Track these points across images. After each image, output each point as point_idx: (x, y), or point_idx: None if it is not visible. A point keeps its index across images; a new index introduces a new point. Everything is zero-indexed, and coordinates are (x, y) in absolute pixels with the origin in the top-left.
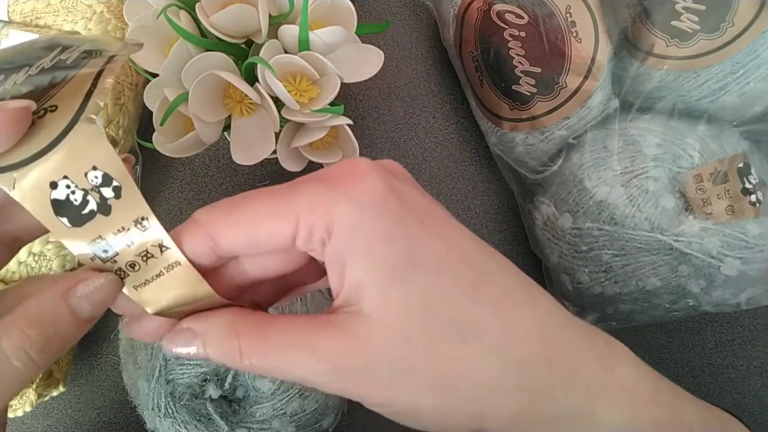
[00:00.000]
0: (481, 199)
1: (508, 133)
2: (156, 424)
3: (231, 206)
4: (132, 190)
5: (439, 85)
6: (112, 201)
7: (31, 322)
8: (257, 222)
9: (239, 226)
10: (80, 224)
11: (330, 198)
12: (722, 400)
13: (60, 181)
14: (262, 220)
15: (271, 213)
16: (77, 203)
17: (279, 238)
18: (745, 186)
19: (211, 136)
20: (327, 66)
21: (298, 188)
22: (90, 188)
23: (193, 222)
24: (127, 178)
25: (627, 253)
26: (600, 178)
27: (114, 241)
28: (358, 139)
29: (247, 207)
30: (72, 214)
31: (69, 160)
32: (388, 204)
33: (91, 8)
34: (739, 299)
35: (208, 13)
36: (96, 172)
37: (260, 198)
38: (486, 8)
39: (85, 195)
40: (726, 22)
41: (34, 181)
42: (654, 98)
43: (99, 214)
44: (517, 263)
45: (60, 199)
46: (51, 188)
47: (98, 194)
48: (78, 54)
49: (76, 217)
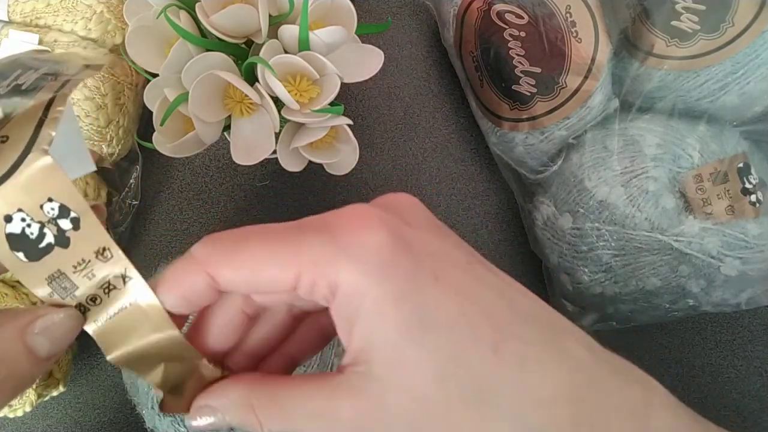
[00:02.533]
0: (481, 199)
1: (508, 133)
2: (155, 422)
3: (231, 246)
4: (91, 220)
5: (439, 85)
6: (71, 233)
7: None
8: (257, 268)
9: (239, 270)
10: (37, 258)
11: (334, 256)
12: (722, 400)
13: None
14: (263, 267)
15: (272, 261)
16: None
17: (279, 285)
18: (745, 186)
19: (211, 136)
20: (327, 66)
21: (301, 239)
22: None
23: (191, 258)
24: (85, 209)
25: (627, 253)
26: (600, 178)
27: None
28: (358, 139)
29: (248, 251)
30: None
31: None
32: (396, 262)
33: (91, 8)
34: (739, 299)
35: (208, 13)
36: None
37: (262, 242)
38: (486, 8)
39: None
40: (726, 22)
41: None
42: (654, 98)
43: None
44: (517, 263)
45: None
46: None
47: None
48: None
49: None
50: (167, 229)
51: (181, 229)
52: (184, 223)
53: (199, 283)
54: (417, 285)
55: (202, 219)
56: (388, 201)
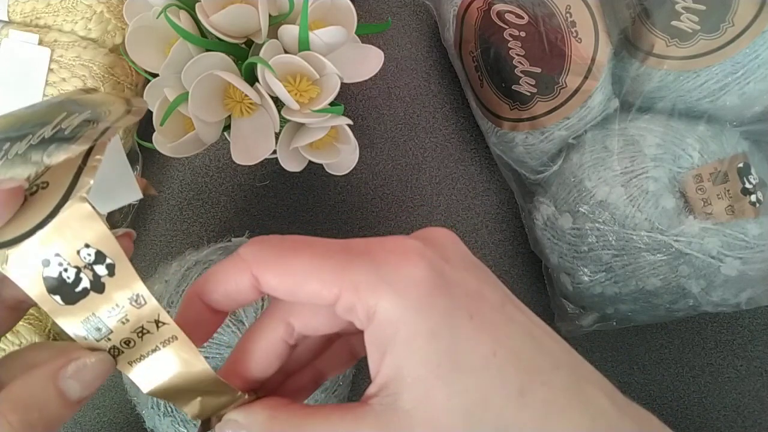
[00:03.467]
0: (481, 199)
1: (508, 133)
2: (155, 422)
3: (278, 252)
4: (125, 267)
5: (439, 85)
6: (106, 278)
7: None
8: (301, 280)
9: (283, 277)
10: (73, 302)
11: (375, 284)
12: (722, 400)
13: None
14: (306, 279)
15: (317, 276)
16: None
17: (319, 300)
18: (745, 186)
19: (211, 136)
20: (327, 66)
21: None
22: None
23: (239, 258)
24: (120, 256)
25: (627, 253)
26: (600, 178)
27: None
28: (358, 139)
29: (295, 261)
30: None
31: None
32: (434, 298)
33: (91, 8)
34: (739, 299)
35: (208, 13)
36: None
37: (310, 255)
38: (486, 8)
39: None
40: (726, 22)
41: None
42: (654, 98)
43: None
44: (517, 263)
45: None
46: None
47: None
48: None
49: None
50: (167, 229)
51: (181, 229)
52: (184, 223)
53: (243, 282)
54: (452, 323)
55: (202, 219)
56: (428, 235)
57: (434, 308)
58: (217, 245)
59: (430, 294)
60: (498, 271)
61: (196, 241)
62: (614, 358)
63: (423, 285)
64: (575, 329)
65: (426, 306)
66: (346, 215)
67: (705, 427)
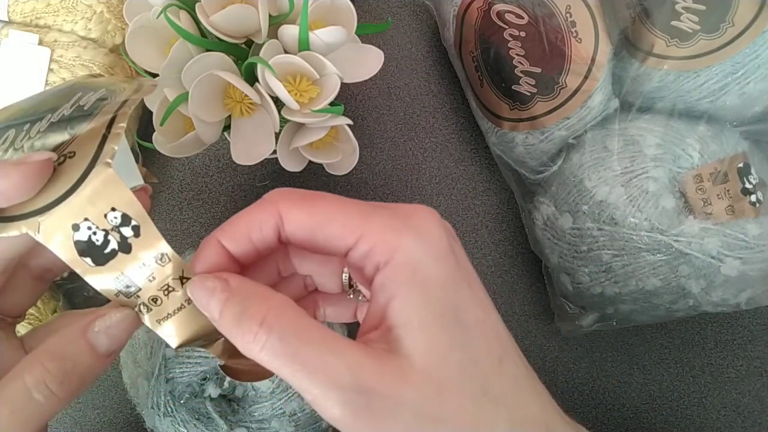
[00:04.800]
0: (481, 199)
1: (508, 133)
2: (155, 422)
3: (305, 195)
4: (150, 228)
5: (439, 85)
6: (132, 239)
7: (51, 356)
8: (325, 219)
9: (309, 215)
10: (103, 263)
11: (402, 228)
12: (722, 400)
13: (81, 223)
14: (331, 219)
15: (341, 218)
16: (99, 243)
17: (337, 242)
18: (745, 186)
19: (211, 136)
20: (327, 66)
21: (372, 210)
22: (110, 228)
23: (265, 201)
24: (144, 217)
25: (627, 253)
26: (600, 178)
27: (136, 277)
28: (358, 139)
29: (322, 203)
30: (95, 253)
31: (88, 203)
32: (447, 257)
33: (91, 8)
34: (739, 299)
35: (208, 13)
36: (115, 213)
37: (336, 201)
38: (486, 8)
39: (106, 235)
40: (726, 22)
41: (57, 225)
42: (654, 98)
43: (120, 252)
44: (517, 263)
45: (82, 240)
46: (73, 230)
47: (118, 234)
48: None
49: (99, 257)
50: (167, 229)
51: (181, 229)
52: (184, 223)
53: (268, 223)
54: (457, 284)
55: (202, 219)
56: None
57: (448, 265)
58: None
59: (446, 252)
60: (498, 271)
61: (196, 241)
62: (614, 358)
63: (443, 242)
64: (575, 329)
65: (442, 258)
66: None
67: (705, 427)
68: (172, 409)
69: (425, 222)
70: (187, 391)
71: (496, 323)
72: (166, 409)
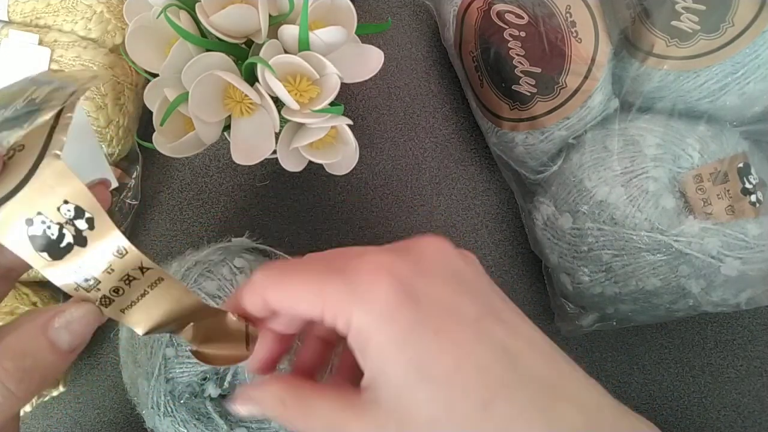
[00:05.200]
0: (481, 199)
1: (508, 133)
2: (155, 422)
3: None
4: (104, 220)
5: (439, 85)
6: (87, 232)
7: (8, 354)
8: (294, 301)
9: (281, 299)
10: (60, 257)
11: (347, 300)
12: (722, 400)
13: (35, 217)
14: (298, 300)
15: (303, 299)
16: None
17: (311, 315)
18: (745, 186)
19: (211, 136)
20: (327, 66)
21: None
22: (64, 222)
23: (252, 282)
24: (98, 209)
25: (627, 253)
26: (600, 178)
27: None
28: (358, 139)
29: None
30: (50, 248)
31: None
32: (399, 312)
33: (91, 8)
34: (739, 299)
35: (208, 13)
36: (68, 206)
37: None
38: (486, 8)
39: (61, 229)
40: (726, 22)
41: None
42: (654, 98)
43: (76, 246)
44: (517, 263)
45: (37, 235)
46: (27, 225)
47: (73, 227)
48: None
49: (55, 251)
50: (167, 229)
51: (181, 229)
52: (184, 223)
53: (256, 301)
54: (417, 336)
55: (202, 219)
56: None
57: (400, 321)
58: (217, 245)
59: (395, 308)
60: (498, 271)
61: (196, 241)
62: (614, 358)
63: (389, 300)
64: (575, 329)
65: (392, 318)
66: (346, 215)
67: (705, 427)
68: (172, 409)
69: (371, 284)
70: (187, 391)
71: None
72: (166, 409)
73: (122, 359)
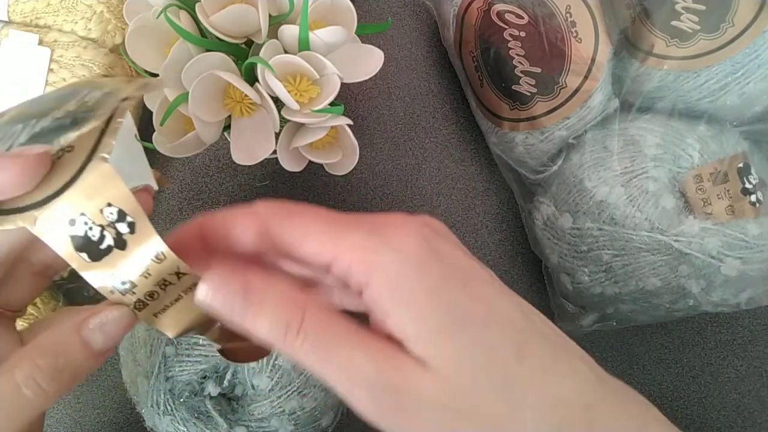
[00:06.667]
0: (481, 199)
1: (508, 133)
2: (155, 421)
3: (288, 212)
4: (145, 225)
5: (439, 85)
6: (128, 236)
7: (42, 352)
8: (302, 238)
9: (287, 233)
10: (98, 258)
11: (378, 245)
12: (722, 400)
13: (78, 218)
14: (307, 238)
15: (316, 236)
16: (95, 239)
17: (315, 260)
18: (745, 186)
19: (211, 136)
20: (327, 66)
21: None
22: (106, 224)
23: (252, 210)
24: (140, 214)
25: (627, 253)
26: (600, 178)
27: (131, 273)
28: (358, 139)
29: (300, 220)
30: (90, 249)
31: (85, 197)
32: (430, 264)
33: (91, 8)
34: (739, 299)
35: (208, 13)
36: (111, 209)
37: (314, 217)
38: (486, 8)
39: (102, 231)
40: (726, 22)
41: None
42: (654, 98)
43: (116, 248)
44: (517, 263)
45: (78, 235)
46: (69, 225)
47: (114, 230)
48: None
49: (95, 252)
50: (167, 229)
51: None
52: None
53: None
54: (448, 286)
55: None
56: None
57: (432, 271)
58: None
59: (427, 260)
60: (498, 271)
61: None
62: (614, 358)
63: (421, 251)
64: (575, 329)
65: (426, 268)
66: None
67: (705, 427)
68: (171, 408)
69: (399, 234)
70: (186, 390)
71: (507, 310)
72: (166, 408)
73: (122, 358)
